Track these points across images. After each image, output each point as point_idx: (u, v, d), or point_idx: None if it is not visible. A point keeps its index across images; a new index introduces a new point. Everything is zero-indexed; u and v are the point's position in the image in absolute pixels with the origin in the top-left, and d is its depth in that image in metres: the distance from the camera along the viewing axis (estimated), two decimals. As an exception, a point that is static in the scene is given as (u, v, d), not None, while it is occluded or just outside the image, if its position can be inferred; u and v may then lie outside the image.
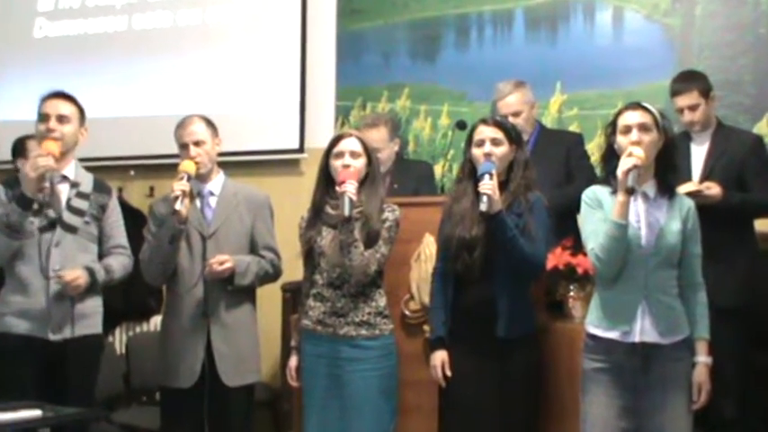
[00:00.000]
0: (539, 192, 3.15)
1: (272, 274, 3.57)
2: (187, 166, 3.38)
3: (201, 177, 3.51)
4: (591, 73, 4.92)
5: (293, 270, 3.72)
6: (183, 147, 3.50)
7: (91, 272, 3.39)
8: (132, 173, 5.71)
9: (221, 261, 3.36)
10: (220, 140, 3.60)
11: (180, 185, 3.30)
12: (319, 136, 5.29)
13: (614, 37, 4.99)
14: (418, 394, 3.39)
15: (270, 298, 4.39)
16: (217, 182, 3.56)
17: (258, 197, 3.61)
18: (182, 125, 3.53)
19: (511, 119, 3.94)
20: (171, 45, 5.78)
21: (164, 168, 5.30)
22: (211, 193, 3.54)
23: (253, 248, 3.55)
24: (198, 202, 3.51)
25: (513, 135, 3.16)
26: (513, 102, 4.08)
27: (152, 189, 5.58)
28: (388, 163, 4.25)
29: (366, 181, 3.21)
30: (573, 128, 4.91)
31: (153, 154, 5.44)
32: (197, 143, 3.48)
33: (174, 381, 3.40)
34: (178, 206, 3.27)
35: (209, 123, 3.58)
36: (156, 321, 5.31)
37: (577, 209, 3.09)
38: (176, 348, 3.42)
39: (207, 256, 3.40)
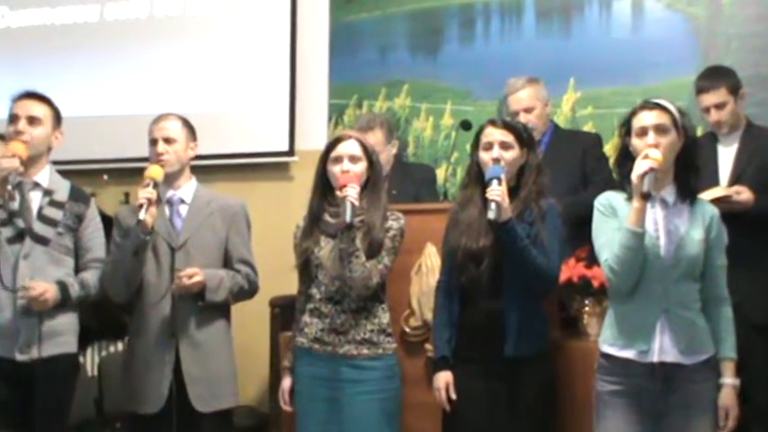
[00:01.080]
0: (552, 198, 3.19)
1: (247, 290, 3.57)
2: (153, 172, 3.39)
3: (171, 183, 3.54)
4: (607, 68, 4.98)
5: (282, 284, 3.76)
6: (152, 142, 3.53)
7: (63, 286, 3.40)
8: (105, 178, 5.71)
9: (190, 274, 3.36)
10: (196, 145, 3.63)
11: (145, 193, 3.30)
12: (311, 137, 5.33)
13: (633, 28, 5.04)
14: (420, 419, 3.41)
15: (257, 314, 4.42)
16: (188, 189, 3.58)
17: (233, 206, 3.62)
18: (155, 120, 3.58)
19: (522, 115, 4.01)
20: (148, 38, 5.79)
21: (140, 173, 5.31)
22: (182, 201, 3.56)
23: (227, 262, 3.56)
24: (167, 211, 3.52)
25: (524, 137, 3.20)
26: (525, 96, 4.14)
27: (127, 196, 5.57)
28: (387, 167, 4.29)
29: (368, 187, 3.23)
30: (587, 128, 4.95)
31: (128, 157, 5.42)
32: (167, 140, 3.51)
33: (140, 406, 3.39)
34: (142, 215, 3.27)
35: (187, 124, 3.61)
36: (130, 340, 5.33)
37: (590, 219, 3.11)
38: (141, 370, 3.42)
39: (175, 269, 3.41)
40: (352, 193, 3.08)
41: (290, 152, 5.47)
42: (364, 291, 3.14)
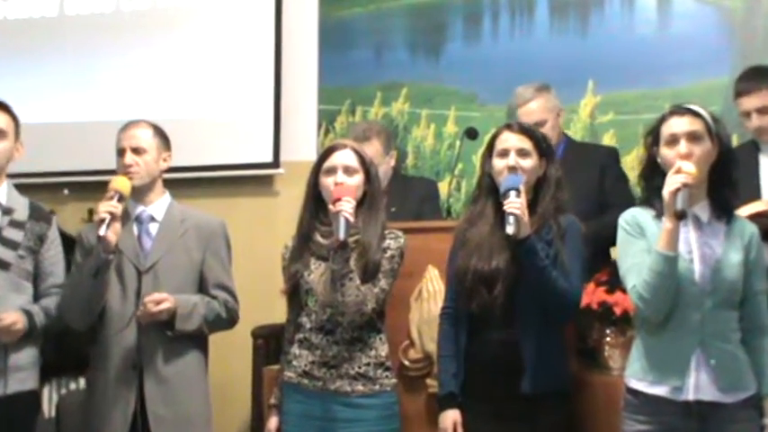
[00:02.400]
0: (572, 215, 3.20)
1: (225, 319, 3.57)
2: (119, 184, 3.40)
3: (141, 198, 3.55)
4: (631, 69, 4.98)
5: (266, 312, 3.76)
6: (120, 152, 3.54)
7: (29, 315, 3.41)
8: (66, 192, 5.71)
9: (158, 300, 3.37)
10: (170, 156, 3.64)
11: (107, 206, 3.31)
12: (298, 147, 5.34)
13: (659, 24, 5.06)
14: (422, 464, 3.41)
15: (237, 346, 4.41)
16: (160, 204, 3.59)
17: (211, 224, 3.63)
18: (124, 127, 3.60)
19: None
20: (112, 35, 5.78)
21: (105, 187, 5.33)
22: (152, 218, 3.57)
23: (202, 287, 3.57)
24: (135, 229, 3.53)
25: (543, 146, 3.21)
26: (535, 108, 4.16)
27: (91, 213, 5.55)
28: (384, 181, 4.30)
29: (364, 202, 3.25)
30: (608, 137, 4.96)
31: (92, 169, 5.41)
32: (136, 150, 3.52)
33: (99, 448, 3.41)
34: (103, 231, 3.27)
35: (159, 133, 3.63)
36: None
37: (612, 242, 3.12)
38: (101, 408, 3.42)
39: (142, 294, 3.41)
40: (346, 207, 3.09)
41: (275, 164, 5.47)
42: (358, 317, 3.15)
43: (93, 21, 5.85)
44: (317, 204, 3.28)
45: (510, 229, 2.97)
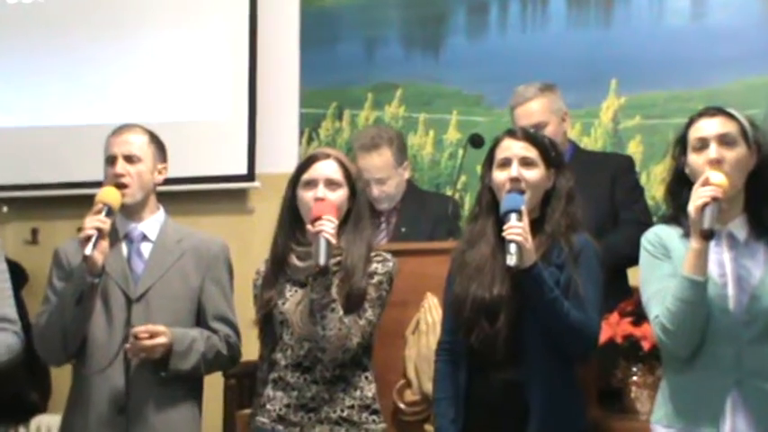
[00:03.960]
0: (586, 234, 3.19)
1: (226, 357, 3.56)
2: (108, 195, 3.41)
3: (132, 214, 3.56)
4: (659, 66, 5.04)
5: (243, 347, 3.75)
6: (110, 160, 3.56)
7: None
8: (5, 210, 5.70)
9: (153, 332, 3.35)
10: (166, 168, 3.67)
11: (94, 221, 3.32)
12: (276, 158, 5.35)
13: (693, 14, 5.11)
14: None
15: (208, 386, 4.38)
16: (153, 222, 3.61)
17: (212, 246, 3.64)
18: (116, 131, 3.62)
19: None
20: (64, 28, 5.80)
21: (54, 203, 5.34)
22: (145, 238, 3.58)
23: (200, 319, 3.56)
24: (124, 249, 3.54)
25: (551, 155, 3.22)
26: (537, 108, 4.19)
27: (35, 233, 5.56)
28: (397, 197, 4.31)
29: (348, 221, 3.25)
30: (633, 144, 4.98)
31: (37, 182, 5.43)
32: (129, 158, 3.54)
33: None
34: (89, 250, 3.27)
35: (156, 140, 3.66)
36: (39, 423, 5.29)
37: (627, 264, 3.10)
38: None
39: (132, 325, 3.39)
40: (328, 227, 3.09)
41: (250, 176, 5.50)
42: (341, 354, 3.14)
43: (37, 11, 5.86)
44: (293, 222, 3.28)
45: (511, 261, 2.96)
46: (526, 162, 3.16)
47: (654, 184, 4.93)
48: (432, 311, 3.63)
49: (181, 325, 3.48)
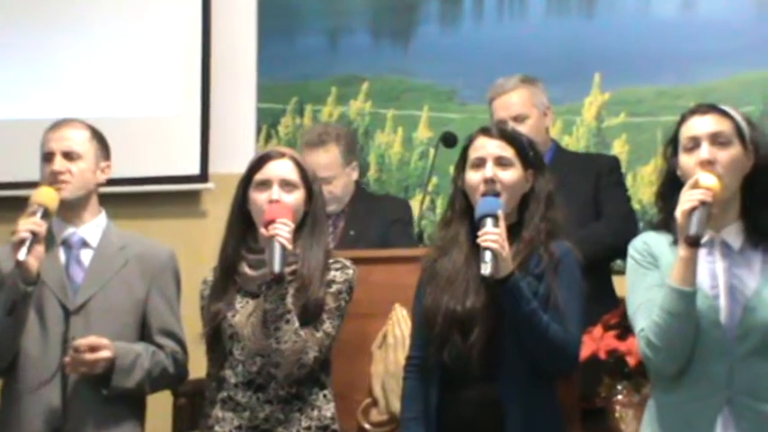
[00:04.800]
0: (567, 241, 3.20)
1: (172, 375, 3.56)
2: (44, 196, 3.39)
3: (71, 217, 3.54)
4: (648, 60, 5.06)
5: (191, 363, 3.72)
6: (47, 157, 3.54)
7: None
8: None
9: (95, 346, 3.33)
10: (109, 167, 3.66)
11: (28, 224, 3.30)
12: (231, 156, 5.33)
13: (683, 4, 5.13)
14: None
15: (155, 407, 4.35)
16: (94, 226, 3.59)
17: (158, 254, 3.64)
18: (54, 126, 3.60)
19: (510, 126, 4.06)
20: (2, 16, 5.76)
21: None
22: (84, 244, 3.56)
23: (145, 333, 3.55)
24: (62, 256, 3.52)
25: (528, 154, 3.22)
26: (516, 100, 4.20)
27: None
28: (345, 198, 4.30)
29: (304, 225, 3.25)
30: (619, 143, 5.00)
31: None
32: (68, 155, 3.53)
33: None
34: (23, 255, 3.26)
35: (98, 136, 3.64)
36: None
37: (609, 256, 3.09)
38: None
39: (70, 339, 3.37)
40: (282, 231, 3.09)
41: (203, 177, 5.50)
42: (297, 369, 3.14)
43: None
44: (244, 227, 3.28)
45: (485, 270, 2.95)
46: (501, 162, 3.17)
47: (641, 187, 4.96)
48: (400, 324, 3.63)
49: (124, 339, 3.46)
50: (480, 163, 3.17)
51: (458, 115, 5.23)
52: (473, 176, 3.17)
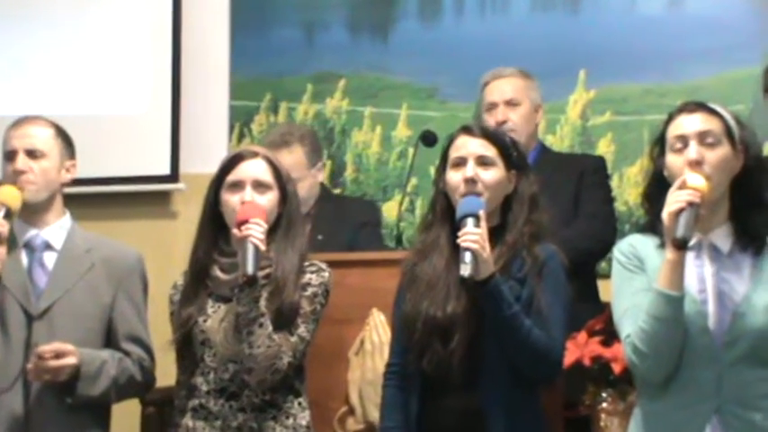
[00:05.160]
0: (553, 243, 3.21)
1: (139, 383, 3.56)
2: (5, 195, 3.39)
3: (34, 219, 3.53)
4: (633, 58, 5.06)
5: (160, 370, 3.71)
6: (9, 155, 3.53)
7: None
8: None
9: (59, 352, 3.32)
10: (74, 166, 3.65)
11: None
12: (203, 156, 5.31)
13: (670, 1, 5.13)
14: None
15: (122, 415, 4.34)
16: (58, 228, 3.58)
17: (125, 257, 3.63)
18: (16, 123, 3.60)
19: (502, 110, 4.14)
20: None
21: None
22: (48, 246, 3.55)
23: (111, 339, 3.54)
24: (24, 259, 3.51)
25: (512, 153, 3.23)
26: (510, 87, 4.25)
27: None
28: (310, 201, 4.30)
29: (278, 227, 3.25)
30: (604, 143, 5.02)
31: None
32: (31, 153, 3.52)
33: None
34: None
35: (62, 134, 3.64)
36: None
37: (586, 259, 3.08)
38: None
39: (33, 346, 3.37)
40: (256, 232, 3.09)
41: (173, 177, 5.48)
42: (270, 375, 3.15)
43: None
44: (216, 229, 3.29)
45: (465, 270, 2.96)
46: (483, 161, 3.17)
47: (627, 188, 4.98)
48: (378, 330, 3.64)
49: (89, 345, 3.45)
50: (461, 162, 3.18)
51: (438, 113, 5.22)
52: (453, 176, 3.18)
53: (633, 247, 3.02)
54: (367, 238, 4.35)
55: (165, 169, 5.48)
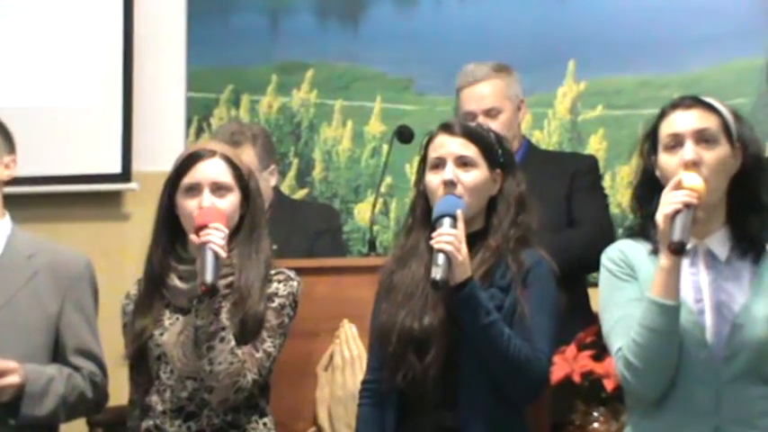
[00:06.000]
0: (540, 250, 3.22)
1: (91, 400, 3.52)
2: None
3: None
4: (627, 46, 5.09)
5: (110, 387, 3.72)
6: None
7: None
8: None
9: (1, 370, 3.31)
10: (14, 162, 3.66)
11: None
12: (157, 153, 5.30)
13: (669, -16, 5.15)
14: None
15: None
16: None
17: (72, 263, 3.60)
18: None
19: (482, 121, 4.08)
20: None
21: None
22: None
23: (58, 353, 3.52)
24: None
25: (495, 152, 3.24)
26: (488, 92, 4.24)
27: None
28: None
29: (240, 231, 3.25)
30: (595, 140, 5.04)
31: None
32: None
33: None
34: None
35: (0, 128, 3.64)
36: None
37: (578, 270, 3.09)
38: None
39: None
40: (216, 238, 3.09)
41: (125, 176, 5.48)
42: (233, 395, 3.14)
43: None
44: (172, 233, 3.29)
45: (437, 273, 2.97)
46: (463, 162, 3.19)
47: (620, 189, 4.99)
48: (349, 343, 3.65)
49: (34, 361, 3.43)
50: (440, 164, 3.19)
51: (414, 107, 5.24)
52: (432, 179, 3.20)
53: (623, 253, 3.02)
54: (326, 245, 4.36)
55: (115, 167, 5.48)
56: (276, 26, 5.51)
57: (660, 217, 2.82)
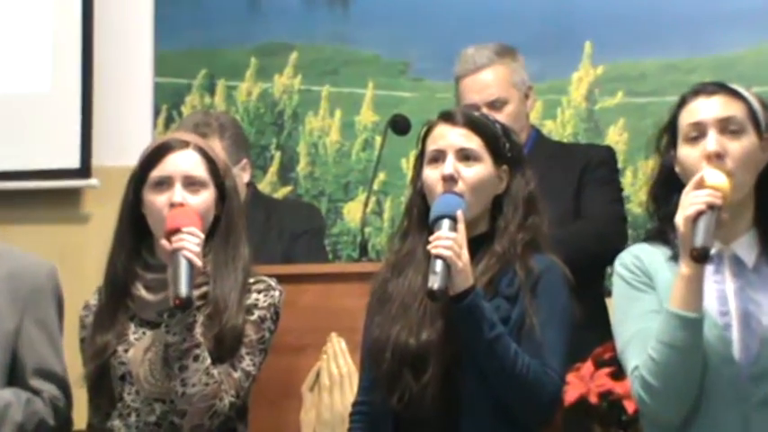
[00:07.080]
0: (552, 254, 3.24)
1: (52, 428, 3.51)
2: None
3: None
4: (650, 27, 5.11)
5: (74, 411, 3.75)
6: None
7: None
8: None
9: None
10: None
11: None
12: (121, 146, 5.34)
13: (694, -41, 5.18)
14: None
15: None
16: None
17: (33, 273, 3.58)
18: None
19: (485, 112, 4.11)
20: None
21: None
22: None
23: (15, 375, 3.52)
24: None
25: (501, 144, 3.26)
26: (491, 80, 4.27)
27: None
28: None
29: (215, 234, 3.27)
30: (615, 130, 5.06)
31: None
32: None
33: None
34: None
35: None
36: None
37: (589, 266, 3.08)
38: None
39: None
40: (190, 243, 3.10)
41: (84, 171, 5.50)
42: (208, 420, 3.15)
43: None
44: (138, 235, 3.30)
45: (435, 282, 2.98)
46: (465, 155, 3.21)
47: (643, 186, 4.98)
48: (337, 359, 3.68)
49: None
50: (439, 157, 3.21)
51: (411, 94, 5.26)
52: (430, 174, 3.21)
53: (639, 259, 3.03)
54: (305, 250, 4.37)
55: (73, 162, 5.50)
56: (255, 3, 5.52)
57: (680, 219, 2.83)
